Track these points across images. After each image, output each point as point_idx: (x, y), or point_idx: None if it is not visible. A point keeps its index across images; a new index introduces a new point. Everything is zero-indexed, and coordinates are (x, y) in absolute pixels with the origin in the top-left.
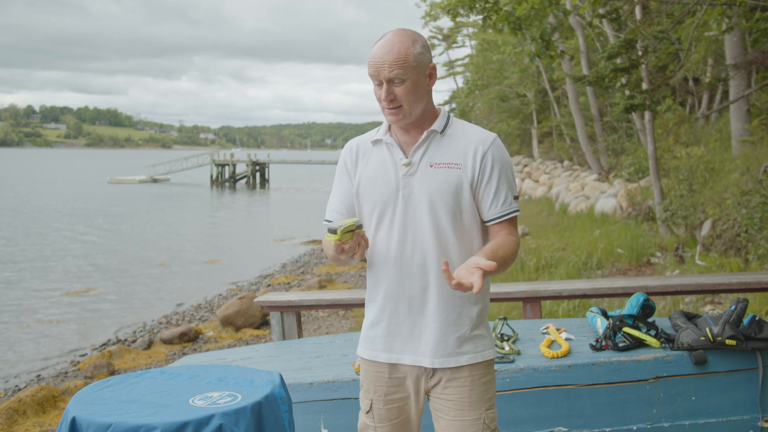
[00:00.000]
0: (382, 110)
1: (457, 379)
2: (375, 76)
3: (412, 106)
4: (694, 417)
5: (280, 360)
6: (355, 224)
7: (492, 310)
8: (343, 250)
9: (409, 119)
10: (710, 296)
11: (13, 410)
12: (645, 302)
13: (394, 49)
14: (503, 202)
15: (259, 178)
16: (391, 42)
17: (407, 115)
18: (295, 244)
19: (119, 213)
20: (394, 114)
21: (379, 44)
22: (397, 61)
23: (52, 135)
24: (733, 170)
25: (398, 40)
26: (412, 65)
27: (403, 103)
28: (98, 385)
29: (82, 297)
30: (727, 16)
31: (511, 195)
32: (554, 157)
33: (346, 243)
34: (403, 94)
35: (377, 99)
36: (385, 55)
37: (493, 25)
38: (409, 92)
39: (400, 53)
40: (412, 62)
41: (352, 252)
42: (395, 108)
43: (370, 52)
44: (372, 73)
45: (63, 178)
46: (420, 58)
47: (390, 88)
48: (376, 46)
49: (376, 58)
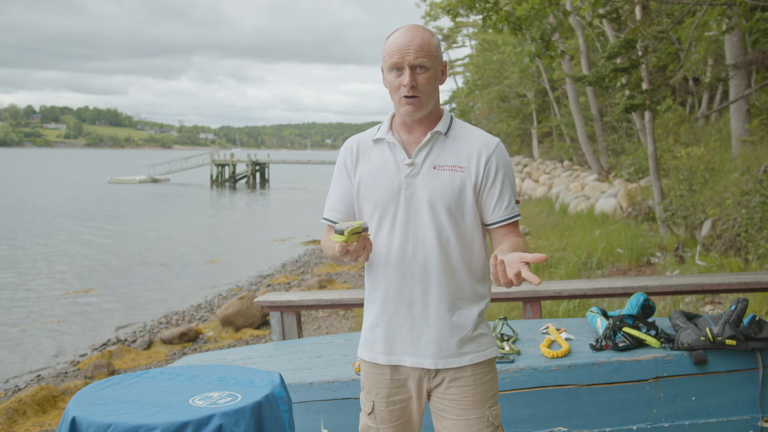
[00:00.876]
0: (396, 102)
1: (460, 379)
2: (398, 62)
3: (428, 98)
4: (694, 417)
5: (280, 360)
6: (361, 227)
7: (492, 310)
8: (348, 252)
9: (423, 112)
10: (710, 296)
11: (13, 410)
12: (645, 302)
13: (418, 36)
14: (506, 206)
15: (259, 178)
16: (414, 30)
17: (423, 106)
18: (295, 244)
19: (119, 213)
20: (411, 104)
21: (401, 32)
22: (422, 47)
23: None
24: (733, 170)
25: (421, 30)
26: (434, 56)
27: (422, 94)
28: (98, 385)
29: (82, 297)
30: (727, 16)
31: (513, 199)
32: (554, 157)
33: (351, 245)
34: (423, 83)
35: (392, 89)
36: (411, 40)
37: (493, 25)
38: (429, 82)
39: (425, 40)
40: (434, 53)
41: (357, 254)
42: (413, 97)
43: (388, 42)
44: (395, 60)
45: (63, 178)
46: (439, 52)
47: (414, 75)
48: (397, 34)
49: (400, 43)
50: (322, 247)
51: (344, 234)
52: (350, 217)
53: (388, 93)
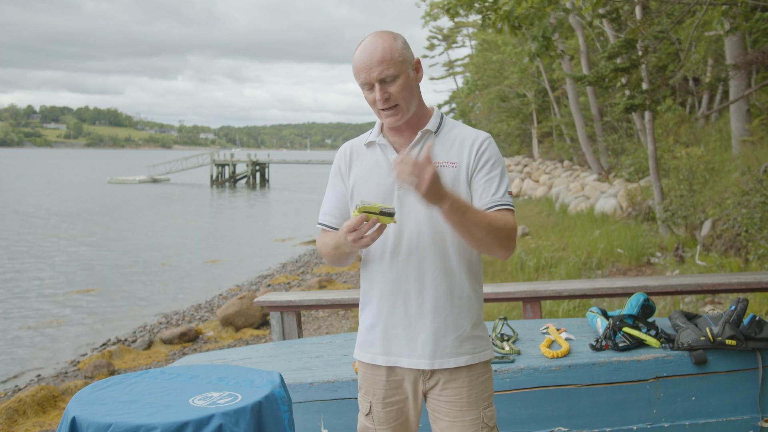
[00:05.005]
0: (377, 114)
1: (455, 380)
2: (365, 80)
3: (408, 102)
4: (694, 417)
5: (280, 360)
6: (380, 208)
7: (492, 310)
8: (354, 230)
9: (406, 116)
10: (710, 296)
11: (13, 410)
12: (645, 302)
13: (377, 48)
14: (494, 193)
15: (259, 178)
16: (373, 43)
17: (404, 112)
18: (295, 244)
19: (119, 213)
20: (392, 115)
21: (361, 49)
22: (383, 59)
23: (52, 135)
24: (733, 170)
25: (379, 40)
26: (399, 60)
27: (399, 101)
28: (98, 385)
29: (82, 297)
30: (731, 16)
31: (505, 190)
32: (554, 157)
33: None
34: (396, 91)
35: (370, 104)
36: (370, 56)
37: (492, 25)
38: (402, 88)
39: (385, 51)
40: (398, 57)
41: (360, 235)
42: (391, 108)
43: (353, 61)
44: (362, 79)
45: (63, 178)
46: (405, 53)
47: (384, 88)
48: (358, 52)
49: (361, 61)
50: (319, 251)
51: (354, 211)
52: (343, 219)
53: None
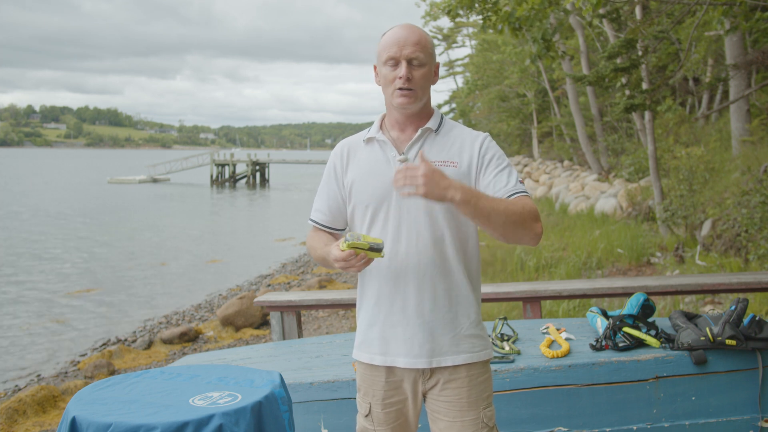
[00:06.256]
0: (389, 95)
1: (455, 380)
2: (394, 55)
3: (423, 93)
4: (694, 417)
5: (280, 360)
6: (369, 245)
7: (492, 310)
8: (343, 260)
9: (416, 106)
10: (710, 296)
11: (13, 410)
12: (645, 302)
13: (415, 31)
14: (507, 183)
15: (259, 178)
16: (411, 27)
17: (417, 99)
18: (295, 244)
19: (119, 213)
20: (405, 95)
21: (398, 28)
22: (419, 42)
23: (52, 135)
24: (733, 170)
25: (418, 28)
26: (429, 52)
27: (416, 88)
28: (98, 385)
29: (82, 297)
30: (731, 16)
31: (516, 179)
32: (554, 157)
33: (348, 256)
34: (419, 76)
35: (387, 83)
36: (408, 36)
37: (493, 26)
38: (424, 78)
39: (422, 36)
40: (430, 49)
41: (349, 267)
42: (408, 90)
43: (385, 37)
44: (391, 53)
45: (63, 178)
46: (434, 51)
47: (409, 68)
48: (395, 30)
49: (396, 37)
50: (307, 249)
51: (343, 245)
52: (333, 217)
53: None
